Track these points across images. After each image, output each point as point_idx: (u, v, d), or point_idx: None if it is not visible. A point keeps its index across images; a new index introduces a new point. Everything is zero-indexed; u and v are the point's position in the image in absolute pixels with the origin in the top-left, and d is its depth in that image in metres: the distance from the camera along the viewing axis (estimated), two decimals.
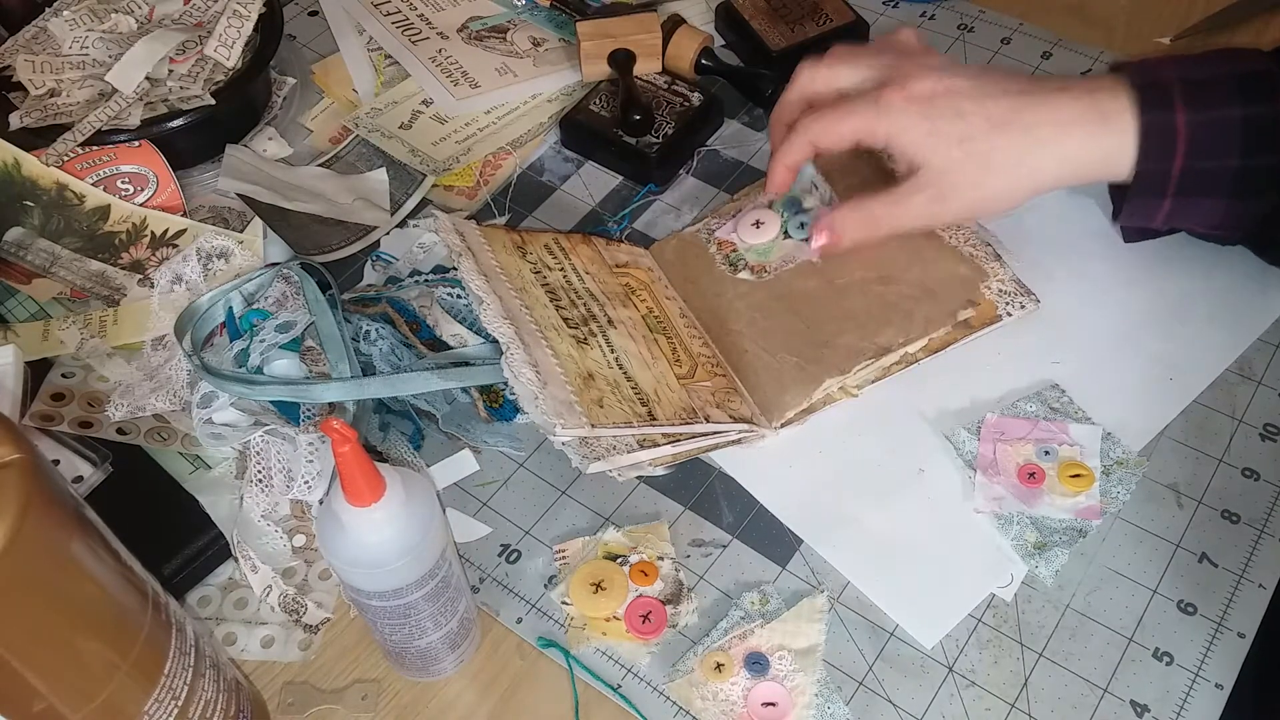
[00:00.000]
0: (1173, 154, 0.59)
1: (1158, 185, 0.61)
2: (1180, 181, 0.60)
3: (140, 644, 0.46)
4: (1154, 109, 0.59)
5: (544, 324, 0.65)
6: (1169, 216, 0.62)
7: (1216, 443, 0.64)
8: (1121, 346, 0.68)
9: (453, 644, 0.57)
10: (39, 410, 0.66)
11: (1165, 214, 0.62)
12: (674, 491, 0.65)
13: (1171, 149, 0.59)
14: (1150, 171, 0.60)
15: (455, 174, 0.82)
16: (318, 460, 0.62)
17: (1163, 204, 0.62)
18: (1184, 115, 0.59)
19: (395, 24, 0.92)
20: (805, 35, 0.86)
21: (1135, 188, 0.61)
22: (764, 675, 0.57)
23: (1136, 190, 0.61)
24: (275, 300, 0.69)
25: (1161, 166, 0.60)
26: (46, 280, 0.76)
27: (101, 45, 0.80)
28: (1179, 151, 0.59)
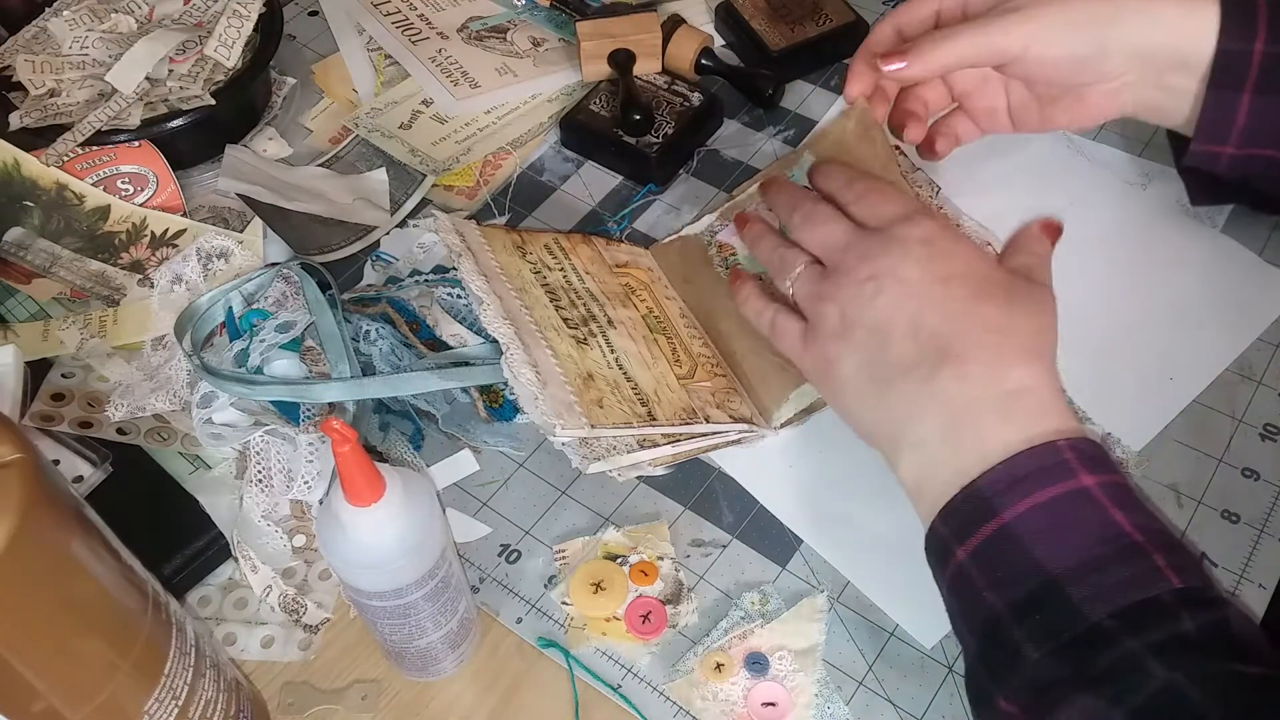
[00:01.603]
0: (1253, 34, 0.58)
1: (1237, 70, 0.59)
2: (1262, 67, 0.58)
3: (140, 644, 0.46)
4: None
5: (544, 324, 0.65)
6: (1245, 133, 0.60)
7: (1216, 443, 0.64)
8: (1121, 346, 0.68)
9: (452, 644, 0.57)
10: (39, 410, 0.66)
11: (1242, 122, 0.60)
12: (674, 491, 0.65)
13: (1253, 29, 0.58)
14: (1232, 49, 0.59)
15: (455, 174, 0.82)
16: (318, 460, 0.62)
17: (1240, 101, 0.59)
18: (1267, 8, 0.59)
19: (395, 24, 0.92)
20: (805, 35, 0.86)
21: (1215, 75, 0.59)
22: (764, 675, 0.57)
23: (1216, 78, 0.59)
24: (275, 300, 0.69)
25: (1243, 46, 0.59)
26: (46, 280, 0.76)
27: (101, 45, 0.80)
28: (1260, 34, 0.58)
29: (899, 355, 0.55)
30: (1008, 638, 0.48)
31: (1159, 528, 0.48)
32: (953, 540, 0.50)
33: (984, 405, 0.52)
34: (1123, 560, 0.47)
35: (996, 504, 0.49)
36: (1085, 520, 0.48)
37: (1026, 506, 0.48)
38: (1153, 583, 0.46)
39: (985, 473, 0.50)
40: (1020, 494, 0.49)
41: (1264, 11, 0.59)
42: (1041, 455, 0.49)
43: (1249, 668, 0.44)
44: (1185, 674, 0.43)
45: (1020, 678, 0.47)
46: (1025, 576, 0.48)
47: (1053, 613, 0.47)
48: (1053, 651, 0.46)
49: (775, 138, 0.83)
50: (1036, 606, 0.47)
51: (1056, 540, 0.48)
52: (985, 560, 0.49)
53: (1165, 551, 0.47)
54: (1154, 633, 0.45)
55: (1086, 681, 0.45)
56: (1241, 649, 0.45)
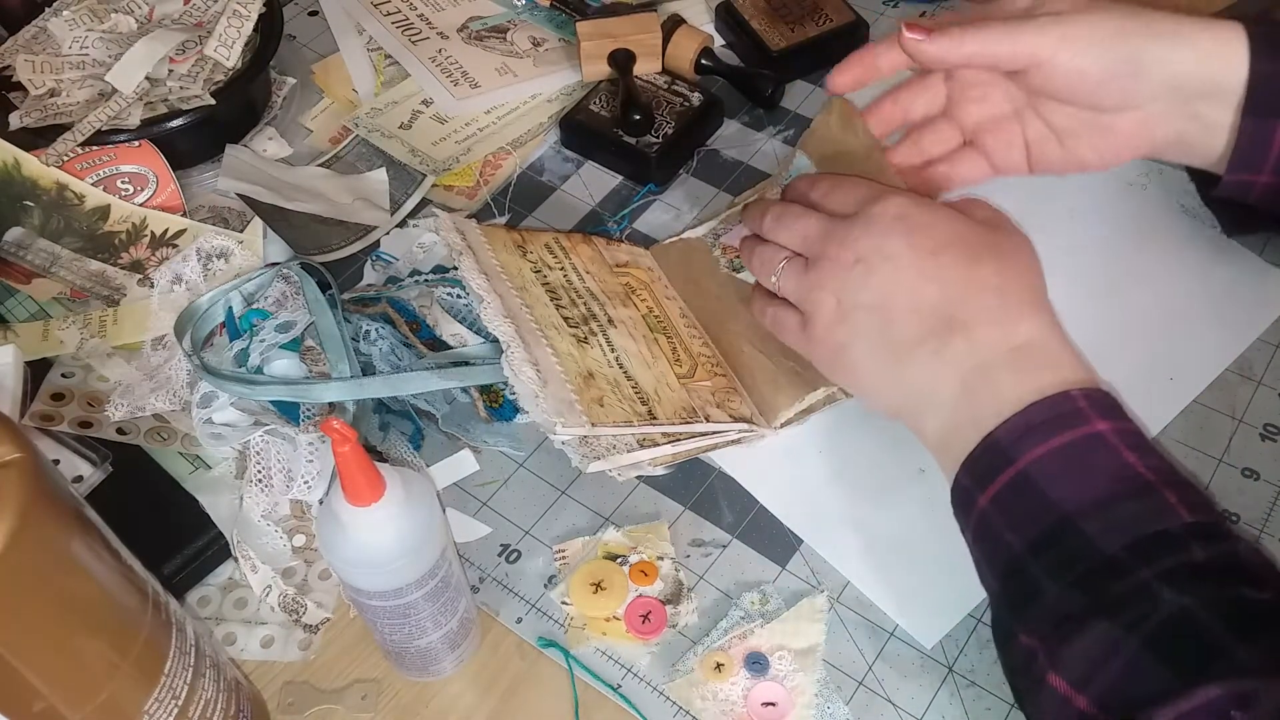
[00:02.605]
0: None
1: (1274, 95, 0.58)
2: None
3: (140, 643, 0.46)
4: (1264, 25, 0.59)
5: (544, 323, 0.65)
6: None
7: (1216, 442, 0.64)
8: (1121, 346, 0.68)
9: (452, 644, 0.57)
10: (39, 410, 0.66)
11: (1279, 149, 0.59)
12: (674, 491, 0.65)
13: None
14: (1265, 72, 0.57)
15: (455, 174, 0.82)
16: (318, 460, 0.62)
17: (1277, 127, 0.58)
18: None
19: (395, 24, 0.92)
20: (805, 35, 0.86)
21: (1250, 101, 0.58)
22: (764, 675, 0.57)
23: (1251, 104, 0.58)
24: (275, 300, 0.69)
25: (1275, 67, 0.58)
26: (46, 280, 0.76)
27: (101, 45, 0.80)
28: None
29: (905, 331, 0.56)
30: (1026, 574, 0.50)
31: (1171, 469, 0.50)
32: (975, 489, 0.53)
33: (996, 364, 0.54)
34: (1135, 497, 0.49)
35: (1013, 451, 0.51)
36: (1099, 462, 0.50)
37: (1043, 451, 0.51)
38: (1164, 517, 0.48)
39: (1002, 424, 0.52)
40: (1036, 440, 0.51)
41: None
42: (1056, 404, 0.52)
43: (1259, 593, 0.46)
44: (1196, 600, 0.45)
45: (1039, 611, 0.49)
46: (1042, 516, 0.50)
47: (1068, 547, 0.49)
48: (1069, 584, 0.48)
49: (775, 138, 0.83)
50: (1053, 542, 0.49)
51: (1072, 481, 0.50)
52: (1005, 504, 0.51)
53: (1177, 489, 0.49)
54: (1165, 561, 0.46)
55: (1101, 610, 0.46)
56: (1251, 576, 0.47)
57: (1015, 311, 0.56)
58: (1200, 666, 0.43)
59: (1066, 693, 0.46)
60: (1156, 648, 0.45)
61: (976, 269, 0.56)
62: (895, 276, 0.57)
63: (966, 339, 0.55)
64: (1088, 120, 0.63)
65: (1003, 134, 0.66)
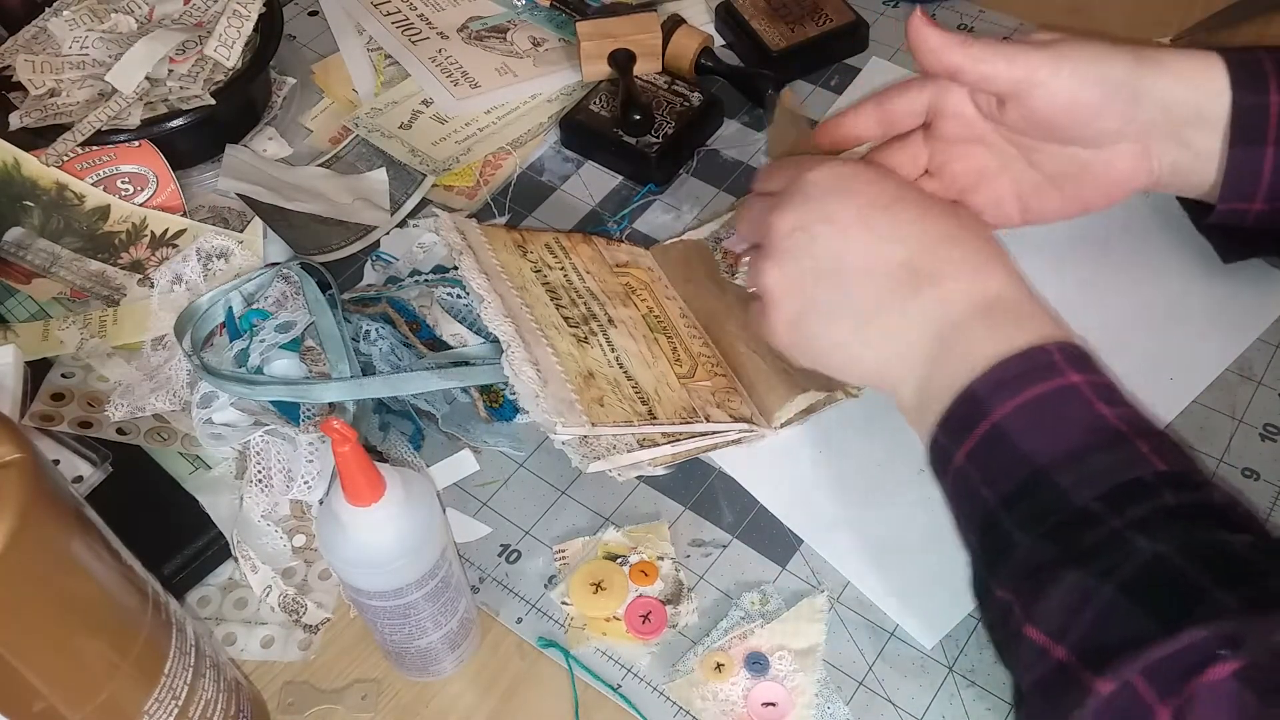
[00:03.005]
0: (1265, 86, 0.58)
1: (1257, 124, 0.58)
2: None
3: (140, 644, 0.46)
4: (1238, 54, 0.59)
5: (544, 322, 0.65)
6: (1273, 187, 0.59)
7: (1216, 443, 0.64)
8: (1121, 347, 0.68)
9: (452, 644, 0.57)
10: (39, 410, 0.66)
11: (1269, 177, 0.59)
12: (674, 491, 0.65)
13: (1264, 82, 0.58)
14: (1248, 102, 0.58)
15: (455, 174, 0.82)
16: (318, 460, 0.62)
17: (1264, 156, 0.58)
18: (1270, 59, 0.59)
19: (395, 24, 0.92)
20: (805, 35, 0.86)
21: (1235, 130, 0.58)
22: (764, 675, 0.57)
23: (1237, 134, 0.58)
24: (275, 300, 0.69)
25: (1258, 100, 0.58)
26: (46, 280, 0.76)
27: (101, 45, 0.80)
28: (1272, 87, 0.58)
29: (864, 292, 0.55)
30: (1000, 528, 0.49)
31: (1144, 420, 0.50)
32: (952, 446, 0.52)
33: (970, 319, 0.53)
34: (1108, 448, 0.48)
35: (988, 405, 0.51)
36: (1072, 414, 0.50)
37: (1016, 404, 0.50)
38: (1136, 466, 0.47)
39: (978, 377, 0.51)
40: (1010, 393, 0.50)
41: (1270, 64, 0.58)
42: (1031, 357, 0.51)
43: (1236, 537, 0.45)
44: (1170, 545, 0.44)
45: (1012, 564, 0.48)
46: (1015, 469, 0.49)
47: (1041, 499, 0.48)
48: (1041, 535, 0.47)
49: None
50: (1026, 495, 0.49)
51: (1044, 433, 0.49)
52: (979, 459, 0.51)
53: (1149, 439, 0.48)
54: (1138, 510, 0.46)
55: (1073, 559, 0.46)
56: (1227, 521, 0.46)
57: (983, 264, 0.55)
58: (1179, 610, 0.42)
59: (1044, 643, 0.45)
60: (1132, 593, 0.44)
61: (933, 222, 0.55)
62: (841, 237, 0.56)
63: (936, 292, 0.54)
64: (1085, 160, 0.62)
65: (990, 190, 0.65)
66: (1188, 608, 0.42)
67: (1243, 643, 0.40)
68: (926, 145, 0.65)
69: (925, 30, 0.60)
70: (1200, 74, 0.59)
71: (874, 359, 0.56)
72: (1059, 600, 0.45)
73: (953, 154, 0.65)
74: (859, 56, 0.88)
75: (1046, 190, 0.64)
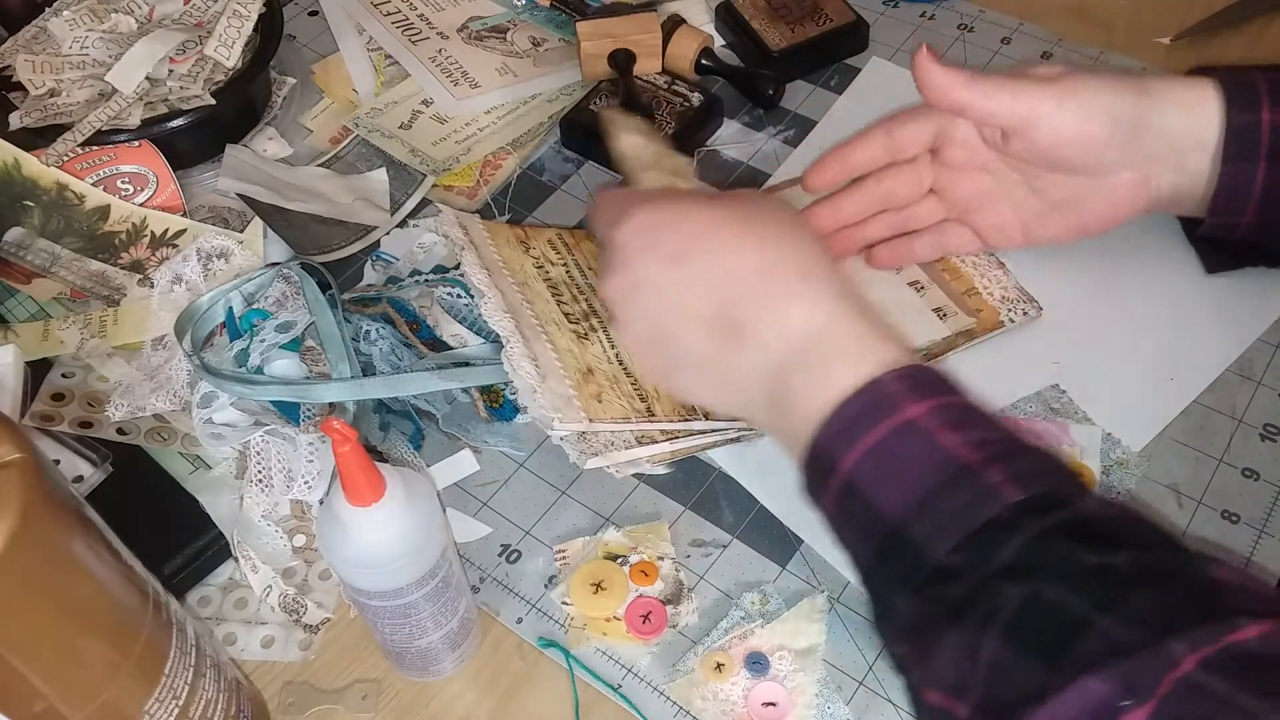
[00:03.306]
0: (1258, 105, 0.58)
1: (1250, 141, 0.59)
2: (1272, 135, 0.58)
3: (141, 644, 0.46)
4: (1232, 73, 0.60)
5: (545, 318, 0.65)
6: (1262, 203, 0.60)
7: (1216, 443, 0.64)
8: (1121, 347, 0.68)
9: (453, 644, 0.57)
10: (39, 410, 0.66)
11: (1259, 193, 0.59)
12: (674, 491, 0.65)
13: (1256, 101, 0.58)
14: (1240, 120, 0.58)
15: (455, 174, 0.82)
16: (318, 460, 0.62)
17: (1256, 172, 0.59)
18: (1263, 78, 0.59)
19: (395, 24, 0.92)
20: (805, 35, 0.85)
21: (1228, 147, 0.59)
22: (764, 675, 0.57)
23: (1230, 150, 0.59)
24: (275, 300, 0.69)
25: (1251, 118, 0.58)
26: (46, 280, 0.76)
27: (101, 45, 0.80)
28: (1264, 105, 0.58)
29: (695, 347, 0.54)
30: (879, 586, 0.48)
31: (995, 439, 0.47)
32: (818, 496, 0.50)
33: (790, 366, 0.51)
34: (954, 487, 0.45)
35: (834, 458, 0.49)
36: (914, 453, 0.47)
37: (859, 453, 0.48)
38: (988, 504, 0.45)
39: (819, 430, 0.49)
40: (852, 440, 0.48)
41: (1262, 83, 0.59)
42: (867, 395, 0.48)
43: (1112, 555, 0.43)
44: (1042, 580, 0.42)
45: (898, 624, 0.47)
46: (875, 526, 0.47)
47: (903, 558, 0.46)
48: (912, 595, 0.46)
49: (775, 138, 0.83)
50: (890, 554, 0.47)
51: (891, 482, 0.47)
52: (842, 513, 0.49)
53: (1002, 464, 0.46)
54: (999, 555, 0.44)
55: (948, 616, 0.44)
56: (1101, 537, 0.44)
57: (791, 298, 0.52)
58: (1065, 646, 0.40)
59: (946, 705, 0.43)
60: (1013, 640, 0.42)
61: (737, 259, 0.53)
62: (656, 298, 0.55)
63: (753, 343, 0.52)
64: (1086, 187, 0.63)
65: (992, 213, 0.66)
66: (1071, 641, 0.40)
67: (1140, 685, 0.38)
68: (932, 168, 0.67)
69: (931, 67, 0.61)
70: (1199, 101, 0.59)
71: (733, 406, 0.56)
72: (947, 659, 0.43)
73: (958, 178, 0.66)
74: (859, 56, 0.88)
75: (1048, 215, 0.65)
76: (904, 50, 0.88)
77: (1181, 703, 0.38)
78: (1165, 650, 0.39)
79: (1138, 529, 0.45)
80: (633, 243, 0.56)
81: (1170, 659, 0.38)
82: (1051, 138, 0.61)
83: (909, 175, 0.67)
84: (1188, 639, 0.39)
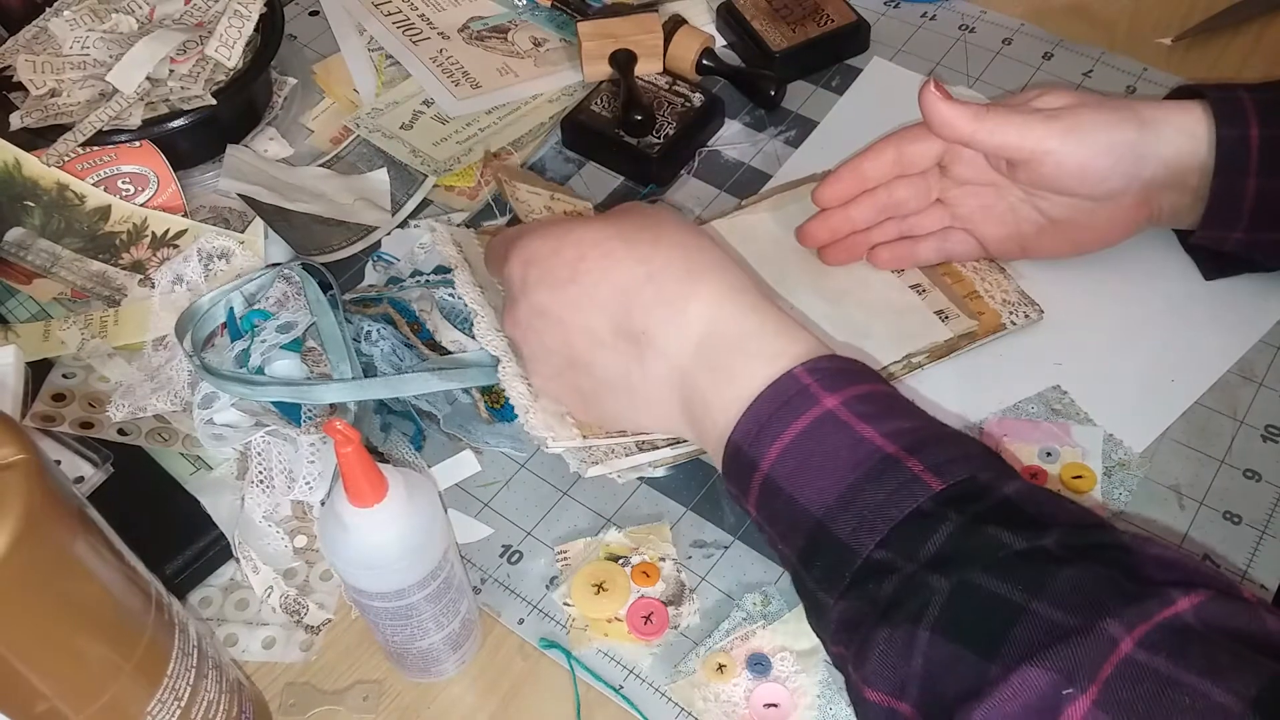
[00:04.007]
0: (1245, 121, 0.60)
1: (1239, 155, 0.60)
2: (1261, 151, 0.60)
3: (143, 645, 0.46)
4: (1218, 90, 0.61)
5: None
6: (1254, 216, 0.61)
7: (1218, 444, 0.64)
8: (1123, 348, 0.68)
9: (454, 645, 0.57)
10: (40, 411, 0.66)
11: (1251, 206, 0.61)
12: (676, 492, 0.65)
13: (1243, 116, 0.60)
14: (1230, 136, 0.60)
15: (456, 174, 0.82)
16: (319, 461, 0.62)
17: (1246, 185, 0.60)
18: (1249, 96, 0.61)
19: (396, 24, 0.92)
20: (806, 36, 0.86)
21: (1219, 161, 0.60)
22: (766, 676, 0.57)
23: (1220, 164, 0.60)
24: (276, 301, 0.69)
25: (1240, 132, 0.60)
26: (47, 280, 0.76)
27: (102, 45, 0.80)
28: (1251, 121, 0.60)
29: (605, 368, 0.54)
30: (807, 588, 0.47)
31: (915, 427, 0.47)
32: (741, 498, 0.50)
33: (694, 369, 0.51)
34: (877, 479, 0.45)
35: (753, 456, 0.48)
36: (833, 447, 0.46)
37: (779, 450, 0.47)
38: (911, 494, 0.44)
39: (735, 429, 0.48)
40: (770, 438, 0.47)
41: (1248, 101, 0.61)
42: (780, 389, 0.48)
43: (1039, 538, 0.42)
44: (970, 570, 0.42)
45: (831, 624, 0.46)
46: (799, 523, 0.47)
47: (829, 556, 0.45)
48: (842, 594, 0.45)
49: (777, 138, 0.82)
50: (815, 552, 0.46)
51: (812, 478, 0.46)
52: (767, 513, 0.49)
53: (922, 453, 0.45)
54: (925, 546, 0.43)
55: (879, 615, 0.43)
56: (1026, 522, 0.43)
57: (683, 299, 0.51)
58: (999, 635, 0.40)
59: (887, 705, 0.43)
60: (948, 632, 0.41)
61: (622, 271, 0.53)
62: (556, 326, 0.54)
63: (655, 350, 0.51)
64: (1089, 209, 0.64)
65: (995, 227, 0.68)
66: (1007, 630, 0.40)
67: (1081, 671, 0.38)
68: (940, 181, 0.68)
69: (938, 104, 0.62)
70: (1192, 122, 0.61)
71: (655, 420, 0.55)
72: (883, 657, 0.43)
73: (963, 192, 0.68)
74: (860, 57, 0.88)
75: (1049, 232, 0.66)
76: (905, 51, 0.88)
77: (1125, 686, 0.37)
78: (1102, 631, 0.38)
79: (1062, 509, 0.45)
80: (523, 275, 0.56)
81: (1109, 640, 0.38)
82: (1056, 170, 0.62)
83: (917, 186, 0.68)
84: (1123, 618, 0.38)
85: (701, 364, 0.50)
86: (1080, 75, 0.85)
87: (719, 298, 0.51)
